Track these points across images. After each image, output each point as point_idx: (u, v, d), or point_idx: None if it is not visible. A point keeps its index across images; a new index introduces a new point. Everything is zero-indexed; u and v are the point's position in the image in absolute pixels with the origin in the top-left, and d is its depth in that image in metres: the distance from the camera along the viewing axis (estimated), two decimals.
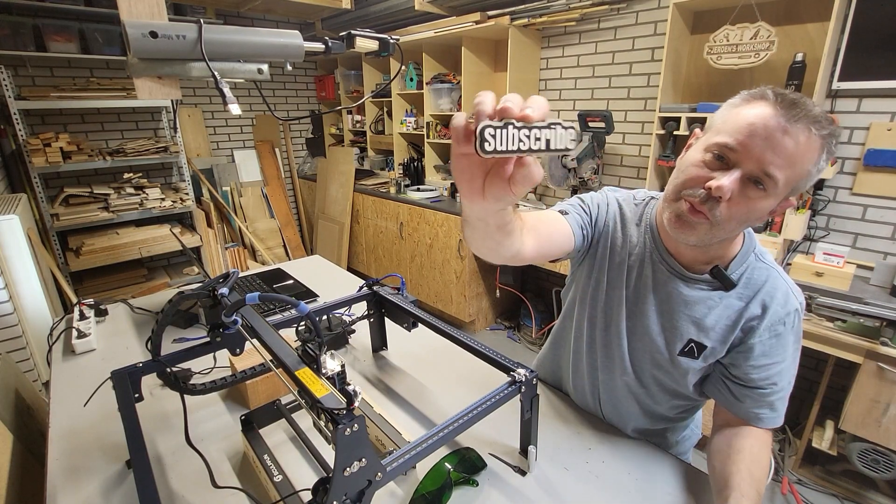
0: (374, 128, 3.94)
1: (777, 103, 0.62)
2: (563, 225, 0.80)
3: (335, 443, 0.52)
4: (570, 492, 0.77)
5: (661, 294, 0.80)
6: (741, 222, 0.67)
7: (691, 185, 0.67)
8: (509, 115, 0.41)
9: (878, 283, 1.77)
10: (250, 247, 3.85)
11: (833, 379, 1.81)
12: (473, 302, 3.03)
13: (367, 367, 1.15)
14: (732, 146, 0.63)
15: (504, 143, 0.41)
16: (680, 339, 0.79)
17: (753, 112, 0.63)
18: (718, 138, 0.65)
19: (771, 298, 0.74)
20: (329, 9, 3.07)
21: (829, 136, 0.61)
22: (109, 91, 2.92)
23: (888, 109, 1.81)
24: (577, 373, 0.99)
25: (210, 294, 0.80)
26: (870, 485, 1.78)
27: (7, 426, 1.01)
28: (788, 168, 0.62)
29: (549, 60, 2.88)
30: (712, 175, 0.65)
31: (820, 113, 0.61)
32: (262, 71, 0.97)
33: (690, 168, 0.68)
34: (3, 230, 1.96)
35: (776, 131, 0.60)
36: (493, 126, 0.41)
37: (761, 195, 0.64)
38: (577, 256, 0.87)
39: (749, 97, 0.66)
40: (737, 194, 0.64)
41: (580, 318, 0.92)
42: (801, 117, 0.60)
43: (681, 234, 0.70)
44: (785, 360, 0.76)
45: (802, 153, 0.61)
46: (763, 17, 1.84)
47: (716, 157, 0.66)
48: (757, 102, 0.64)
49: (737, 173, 0.63)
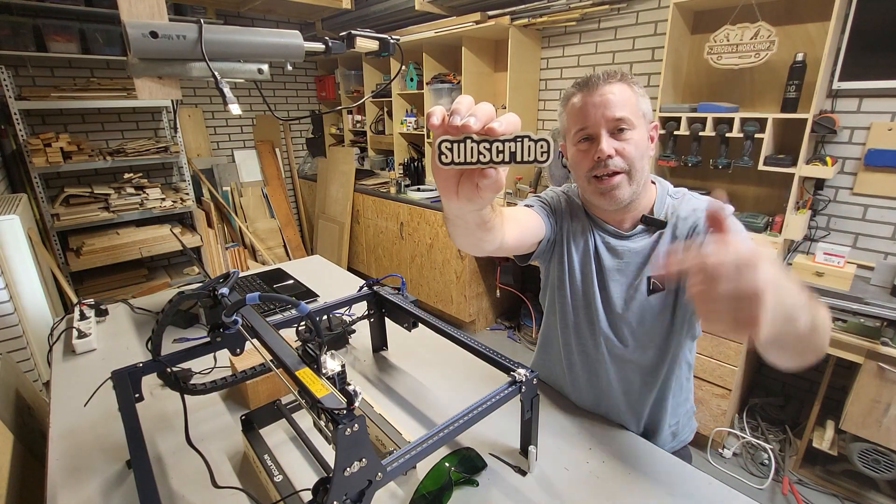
0: (374, 128, 3.94)
1: (578, 88, 0.84)
2: (534, 215, 0.92)
3: (335, 443, 0.52)
4: (570, 492, 0.77)
5: (617, 256, 0.91)
6: (640, 157, 0.83)
7: (589, 166, 0.84)
8: (467, 131, 0.43)
9: (879, 283, 1.77)
10: (250, 247, 3.85)
11: (833, 379, 1.80)
12: (474, 302, 3.03)
13: (368, 367, 1.15)
14: (584, 126, 0.83)
15: (462, 155, 0.45)
16: (643, 281, 0.89)
17: (574, 102, 0.85)
18: (573, 130, 0.85)
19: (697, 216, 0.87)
20: (329, 9, 3.07)
21: (622, 76, 0.83)
22: (110, 91, 2.93)
23: (889, 109, 1.81)
24: (572, 366, 1.01)
25: (210, 294, 0.80)
26: (870, 485, 1.78)
27: (7, 426, 1.01)
28: (623, 107, 0.80)
29: (549, 60, 2.88)
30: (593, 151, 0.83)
31: (605, 72, 0.83)
32: (262, 71, 0.98)
33: (578, 159, 0.86)
34: (4, 230, 1.96)
35: (592, 97, 0.81)
36: (449, 140, 0.44)
37: (630, 132, 0.82)
38: (547, 247, 0.96)
39: (564, 100, 0.88)
40: (616, 144, 0.81)
41: (562, 307, 0.98)
42: (597, 82, 0.82)
43: (612, 200, 0.85)
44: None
45: (620, 94, 0.81)
46: (763, 17, 1.84)
47: (583, 140, 0.85)
48: (570, 98, 0.86)
49: (604, 135, 0.81)
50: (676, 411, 1.01)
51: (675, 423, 1.02)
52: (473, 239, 0.69)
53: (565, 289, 0.96)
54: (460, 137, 0.44)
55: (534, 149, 0.44)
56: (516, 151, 0.45)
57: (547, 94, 2.96)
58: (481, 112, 0.44)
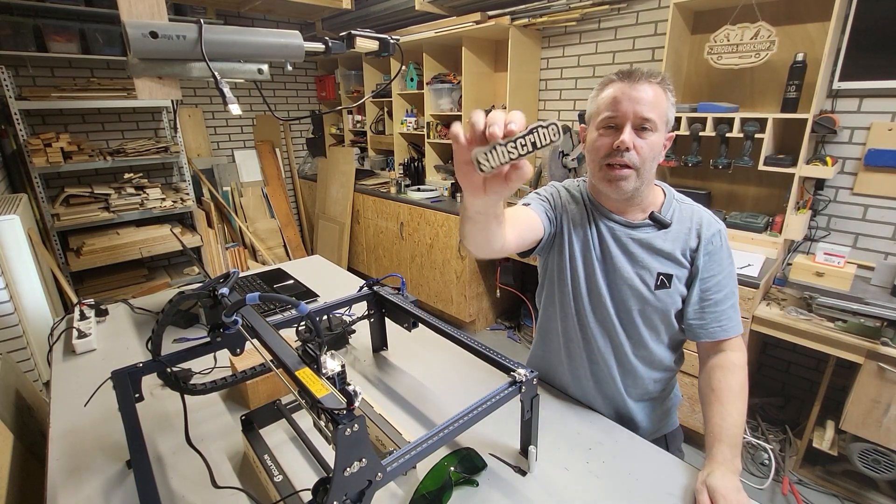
0: (374, 128, 3.94)
1: (620, 78, 0.87)
2: (532, 214, 0.95)
3: (335, 443, 0.52)
4: (570, 492, 0.77)
5: (622, 245, 0.95)
6: (652, 158, 0.87)
7: (605, 152, 0.87)
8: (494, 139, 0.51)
9: (879, 283, 1.77)
10: (251, 247, 3.85)
11: (834, 379, 1.80)
12: (474, 302, 3.03)
13: (368, 367, 1.15)
14: (612, 115, 0.86)
15: (496, 159, 0.52)
16: (651, 274, 0.93)
17: (610, 91, 0.87)
18: (601, 116, 0.88)
19: (700, 226, 0.93)
20: (329, 9, 3.07)
21: (662, 80, 0.86)
22: (110, 91, 2.93)
23: (889, 109, 1.81)
24: (571, 357, 1.03)
25: (210, 294, 0.80)
26: (870, 485, 1.78)
27: (7, 426, 1.01)
28: (654, 110, 0.84)
29: (549, 60, 2.88)
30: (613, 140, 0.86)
31: (648, 70, 0.86)
32: (262, 71, 0.97)
33: (597, 143, 0.89)
34: (4, 230, 1.96)
35: (630, 91, 0.84)
36: (483, 151, 0.52)
37: (650, 133, 0.86)
38: (548, 241, 0.99)
39: (601, 86, 0.90)
40: (636, 140, 0.85)
41: (562, 296, 1.01)
42: (640, 77, 0.85)
43: (618, 190, 0.89)
44: (723, 270, 0.93)
45: (655, 97, 0.84)
46: (763, 17, 1.84)
47: (607, 128, 0.87)
48: (609, 85, 0.88)
49: (628, 127, 0.85)
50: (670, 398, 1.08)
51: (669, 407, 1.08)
52: (487, 234, 0.75)
53: (566, 277, 0.99)
54: (489, 146, 0.52)
55: (547, 133, 0.52)
56: (535, 140, 0.52)
57: (547, 95, 2.96)
58: (498, 120, 0.52)
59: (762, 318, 1.78)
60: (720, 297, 0.92)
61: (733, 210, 2.21)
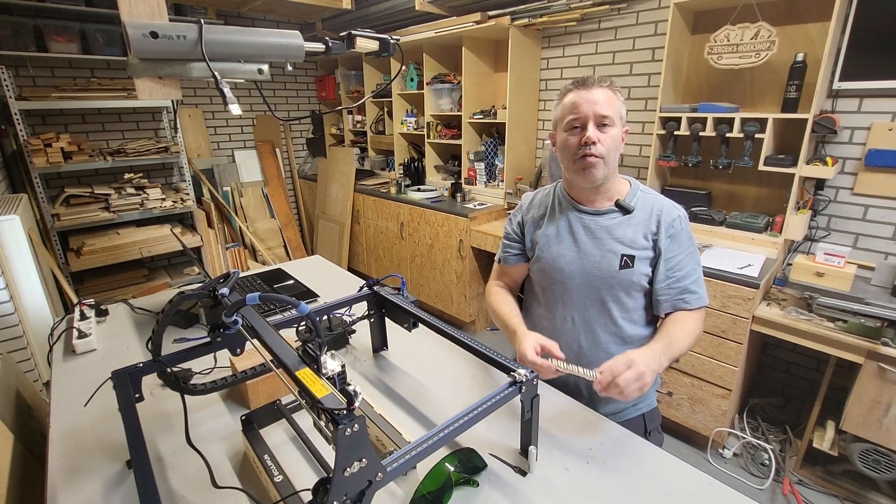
0: (374, 128, 3.94)
1: (576, 86, 1.02)
2: (512, 264, 1.21)
3: (335, 443, 0.52)
4: (570, 492, 0.77)
5: (590, 232, 1.08)
6: (614, 149, 1.01)
7: (575, 149, 1.01)
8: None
9: (879, 284, 1.76)
10: (251, 247, 3.85)
11: (834, 379, 1.80)
12: (474, 302, 3.03)
13: (368, 368, 1.15)
14: (576, 117, 1.00)
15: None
16: (616, 256, 1.05)
17: (571, 97, 1.02)
18: (566, 119, 1.02)
19: (661, 212, 1.05)
20: (329, 9, 3.07)
21: (611, 84, 1.01)
22: (110, 91, 2.93)
23: (889, 109, 1.81)
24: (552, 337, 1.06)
25: (210, 294, 0.80)
26: (871, 485, 1.78)
27: (8, 426, 1.01)
28: (609, 108, 0.99)
29: (549, 60, 2.88)
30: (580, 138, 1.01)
31: (599, 77, 1.02)
32: (262, 71, 0.97)
33: (568, 142, 1.03)
34: (4, 230, 1.96)
35: (587, 95, 0.99)
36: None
37: (610, 128, 1.00)
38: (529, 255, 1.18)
39: (561, 95, 1.05)
40: (600, 135, 0.99)
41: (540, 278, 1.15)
42: (593, 83, 1.00)
43: (589, 178, 1.02)
44: (684, 251, 1.05)
45: (608, 97, 0.99)
46: (764, 17, 1.84)
47: (573, 128, 1.02)
48: (568, 93, 1.03)
49: (591, 124, 0.99)
50: None
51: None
52: None
53: (541, 261, 1.12)
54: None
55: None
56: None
57: (547, 95, 2.96)
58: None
59: (762, 319, 1.78)
60: (681, 274, 1.04)
61: (733, 210, 2.21)
